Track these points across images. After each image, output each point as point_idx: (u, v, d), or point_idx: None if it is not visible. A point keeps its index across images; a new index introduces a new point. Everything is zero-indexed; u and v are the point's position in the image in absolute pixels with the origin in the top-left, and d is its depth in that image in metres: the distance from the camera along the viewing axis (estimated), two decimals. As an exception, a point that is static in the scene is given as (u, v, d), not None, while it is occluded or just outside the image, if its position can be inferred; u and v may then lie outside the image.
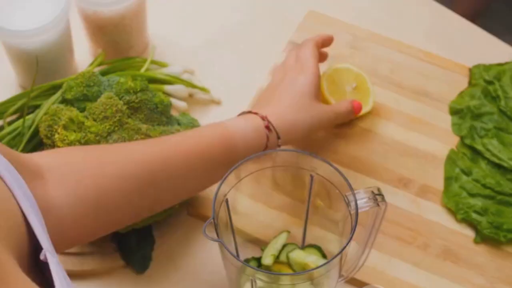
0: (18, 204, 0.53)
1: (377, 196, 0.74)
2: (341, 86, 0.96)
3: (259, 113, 0.83)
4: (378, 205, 0.74)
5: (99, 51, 1.02)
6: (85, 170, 0.73)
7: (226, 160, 0.78)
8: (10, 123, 0.94)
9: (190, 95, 1.01)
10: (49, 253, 0.53)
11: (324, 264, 0.70)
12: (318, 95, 0.89)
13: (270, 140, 0.82)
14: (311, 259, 0.83)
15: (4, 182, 0.53)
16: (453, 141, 0.97)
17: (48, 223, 0.61)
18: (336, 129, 0.97)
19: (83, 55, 1.04)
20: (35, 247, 0.54)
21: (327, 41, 0.95)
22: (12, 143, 0.91)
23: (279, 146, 0.82)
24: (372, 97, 0.97)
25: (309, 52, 0.90)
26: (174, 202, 0.81)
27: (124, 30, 1.00)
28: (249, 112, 0.84)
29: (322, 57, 0.96)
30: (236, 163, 0.74)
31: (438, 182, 0.93)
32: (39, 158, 0.72)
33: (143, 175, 0.75)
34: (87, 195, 0.71)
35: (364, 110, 0.96)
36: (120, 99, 0.84)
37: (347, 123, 0.98)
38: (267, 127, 0.82)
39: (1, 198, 0.51)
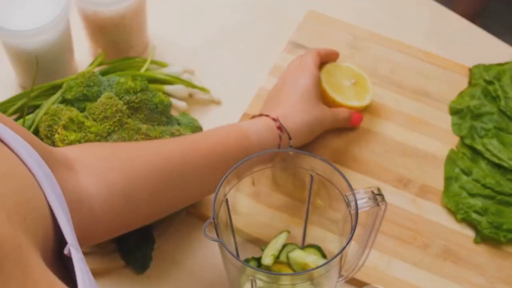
0: (45, 197, 0.53)
1: (377, 196, 0.74)
2: (339, 80, 0.96)
3: (270, 115, 0.85)
4: (378, 205, 0.74)
5: (99, 51, 1.02)
6: (113, 161, 0.75)
7: (242, 154, 0.79)
8: (10, 123, 0.94)
9: (190, 95, 1.01)
10: (73, 248, 0.53)
11: (324, 264, 0.70)
12: (319, 97, 0.92)
13: (282, 141, 0.84)
14: (311, 259, 0.83)
15: (33, 174, 0.53)
16: (453, 141, 0.97)
17: (79, 214, 0.63)
18: (336, 129, 0.97)
19: (83, 55, 1.04)
20: (60, 241, 0.54)
21: (330, 55, 0.97)
22: (12, 143, 0.91)
23: (291, 147, 0.84)
24: (370, 95, 0.97)
25: (311, 58, 0.93)
26: (195, 198, 0.84)
27: (124, 30, 1.00)
28: (260, 114, 0.87)
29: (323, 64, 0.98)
30: (256, 151, 0.78)
31: (438, 182, 0.93)
32: (69, 151, 0.74)
33: (168, 170, 0.77)
34: (116, 187, 0.74)
35: (361, 103, 0.96)
36: (120, 99, 0.84)
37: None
38: (279, 128, 0.84)
39: (28, 190, 0.52)
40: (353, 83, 0.96)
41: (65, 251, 0.53)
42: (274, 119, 0.85)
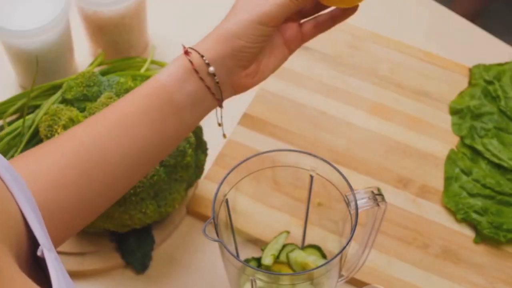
0: (16, 202, 0.54)
1: (377, 196, 0.74)
2: None
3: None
4: (378, 205, 0.74)
5: (99, 51, 1.02)
6: (39, 165, 0.69)
7: (164, 107, 0.71)
8: (10, 123, 0.94)
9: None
10: (46, 249, 0.53)
11: (324, 264, 0.70)
12: None
13: (195, 65, 0.71)
14: (311, 259, 0.83)
15: (3, 181, 0.53)
16: (453, 141, 0.97)
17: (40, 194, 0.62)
18: (336, 129, 0.97)
19: (83, 55, 1.04)
20: (34, 243, 0.55)
21: None
22: (12, 143, 0.91)
23: (208, 65, 0.71)
24: None
25: None
26: (148, 160, 0.73)
27: (124, 30, 1.00)
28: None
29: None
30: (178, 104, 0.71)
31: (438, 182, 0.93)
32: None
33: (85, 159, 0.69)
34: (65, 186, 0.69)
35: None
36: (120, 99, 0.84)
37: (346, 122, 0.98)
38: (186, 52, 0.72)
39: (1, 198, 0.52)
40: None
41: (38, 253, 0.53)
42: (184, 46, 0.73)
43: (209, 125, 0.89)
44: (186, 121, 0.73)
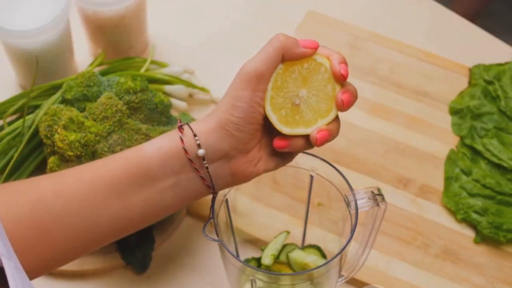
0: None
1: (377, 196, 0.74)
2: (293, 90, 0.65)
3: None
4: (378, 205, 0.74)
5: (99, 51, 1.02)
6: None
7: (137, 178, 0.65)
8: (10, 123, 0.94)
9: (190, 95, 1.01)
10: (5, 258, 0.52)
11: (324, 264, 0.70)
12: (256, 82, 0.65)
13: (185, 143, 0.64)
14: (311, 259, 0.83)
15: None
16: (453, 141, 0.97)
17: None
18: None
19: (83, 55, 1.05)
20: None
21: (302, 53, 0.65)
22: (12, 143, 0.91)
23: (199, 146, 0.64)
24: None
25: (272, 44, 0.65)
26: (102, 236, 0.67)
27: (124, 30, 1.00)
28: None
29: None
30: (156, 177, 0.64)
31: (438, 182, 0.93)
32: None
33: (40, 216, 0.64)
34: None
35: (324, 120, 0.66)
36: (120, 99, 0.84)
37: (346, 122, 0.98)
38: (180, 128, 0.65)
39: None
40: (313, 94, 0.66)
41: None
42: (180, 120, 0.67)
43: (209, 125, 0.88)
44: (166, 201, 0.66)
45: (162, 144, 0.65)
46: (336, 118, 0.67)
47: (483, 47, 1.08)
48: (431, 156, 0.96)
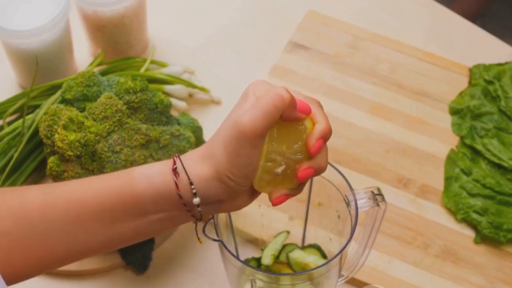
0: None
1: (377, 196, 0.74)
2: (286, 142, 0.64)
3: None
4: (378, 205, 0.74)
5: (99, 51, 1.02)
6: None
7: (129, 210, 0.64)
8: (10, 123, 0.94)
9: (190, 95, 1.01)
10: None
11: (324, 264, 0.70)
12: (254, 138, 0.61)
13: (180, 189, 0.62)
14: (311, 259, 0.83)
15: None
16: (453, 141, 0.97)
17: None
18: (336, 129, 0.97)
19: (83, 55, 1.05)
20: None
21: (295, 116, 0.63)
22: (12, 143, 0.91)
23: (194, 195, 0.62)
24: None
25: (274, 102, 0.61)
26: (66, 260, 0.66)
27: (124, 30, 1.00)
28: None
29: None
30: (148, 212, 0.63)
31: (438, 182, 0.93)
32: None
33: (26, 229, 0.63)
34: None
35: (267, 190, 0.64)
36: (120, 99, 0.84)
37: (346, 122, 0.98)
38: (174, 170, 0.62)
39: None
40: (291, 153, 0.64)
41: None
42: (174, 159, 0.63)
43: (209, 125, 0.89)
44: (152, 230, 0.65)
45: (156, 182, 0.63)
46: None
47: (483, 47, 1.08)
48: (431, 156, 0.96)
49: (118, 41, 1.01)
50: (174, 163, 0.63)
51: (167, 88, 0.98)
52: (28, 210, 0.63)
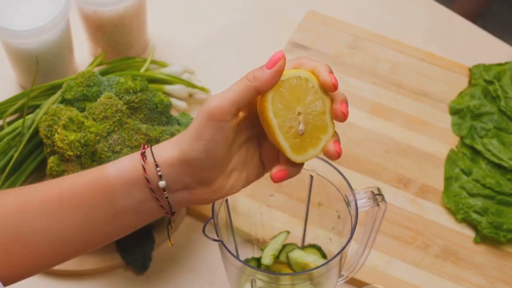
0: None
1: (377, 196, 0.74)
2: (291, 105, 0.62)
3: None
4: (378, 205, 0.74)
5: (99, 51, 1.02)
6: None
7: (102, 201, 0.65)
8: (10, 123, 0.94)
9: (190, 95, 1.01)
10: None
11: (324, 264, 0.70)
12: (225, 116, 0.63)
13: (147, 172, 0.64)
14: (311, 259, 0.83)
15: None
16: (453, 141, 0.97)
17: None
18: (335, 129, 0.97)
19: (83, 55, 1.05)
20: None
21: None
22: (12, 143, 0.91)
23: (160, 178, 0.63)
24: (329, 132, 0.64)
25: (242, 82, 0.64)
26: (58, 258, 0.67)
27: (124, 30, 1.00)
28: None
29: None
30: (120, 202, 0.64)
31: (438, 182, 0.93)
32: None
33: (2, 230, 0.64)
34: None
35: (325, 137, 0.64)
36: (120, 99, 0.84)
37: (346, 122, 0.98)
38: (142, 154, 0.64)
39: None
40: (308, 112, 0.63)
41: None
42: (143, 145, 0.65)
43: (209, 125, 0.88)
44: (127, 224, 0.67)
45: (126, 170, 0.64)
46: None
47: (483, 47, 1.08)
48: (431, 156, 0.96)
49: (118, 41, 1.01)
50: (143, 147, 0.64)
51: (167, 88, 0.98)
52: (5, 212, 0.64)
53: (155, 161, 0.63)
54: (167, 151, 0.64)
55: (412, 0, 1.14)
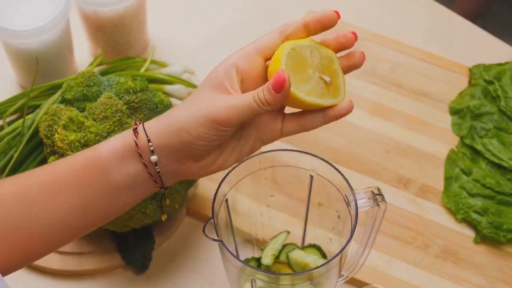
0: None
1: (377, 196, 0.74)
2: (304, 66, 0.67)
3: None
4: (378, 205, 0.74)
5: (99, 51, 1.02)
6: None
7: (96, 178, 0.66)
8: (10, 123, 0.94)
9: (190, 95, 1.01)
10: None
11: (324, 264, 0.70)
12: (223, 85, 0.66)
13: (140, 148, 0.66)
14: (311, 259, 0.83)
15: None
16: (453, 141, 0.97)
17: None
18: (336, 129, 0.97)
19: (83, 55, 1.05)
20: None
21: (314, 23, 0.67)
22: (12, 143, 0.91)
23: (152, 153, 0.66)
24: (341, 83, 0.70)
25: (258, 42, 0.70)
26: (73, 229, 0.68)
27: (124, 30, 1.00)
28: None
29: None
30: (114, 178, 0.66)
31: (438, 182, 0.93)
32: None
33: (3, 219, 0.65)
34: None
35: (334, 101, 0.69)
36: (120, 99, 0.84)
37: (346, 122, 0.98)
38: (134, 130, 0.67)
39: None
40: (321, 73, 0.69)
41: None
42: (135, 122, 0.68)
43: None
44: (122, 201, 0.68)
45: (117, 149, 0.66)
46: None
47: (483, 47, 1.08)
48: (431, 156, 0.96)
49: (118, 41, 1.01)
50: (135, 124, 0.67)
51: (167, 88, 0.98)
52: (3, 200, 0.65)
53: (147, 136, 0.66)
54: (158, 127, 0.66)
55: (412, 0, 1.14)
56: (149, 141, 0.66)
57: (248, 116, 0.64)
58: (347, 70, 0.70)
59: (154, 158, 0.66)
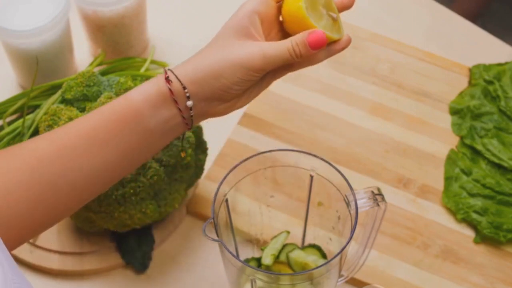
0: None
1: (377, 196, 0.74)
2: (316, 3, 0.74)
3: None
4: (378, 205, 0.74)
5: (99, 51, 1.02)
6: None
7: (132, 124, 0.69)
8: (10, 123, 0.94)
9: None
10: None
11: (324, 264, 0.70)
12: (249, 31, 0.73)
13: (175, 94, 0.69)
14: (311, 259, 0.83)
15: None
16: (453, 141, 0.97)
17: None
18: (336, 129, 0.97)
19: (83, 55, 1.04)
20: None
21: None
22: (12, 143, 0.91)
23: (188, 98, 0.70)
24: (340, 19, 0.77)
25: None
26: (109, 177, 0.71)
27: (124, 30, 1.00)
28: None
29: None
30: (150, 129, 0.69)
31: (438, 182, 0.93)
32: None
33: (48, 177, 0.67)
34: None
35: (339, 36, 0.75)
36: (120, 99, 0.84)
37: (346, 122, 0.98)
38: (167, 79, 0.70)
39: None
40: (329, 13, 0.76)
41: None
42: (165, 70, 0.71)
43: (209, 125, 0.89)
44: (155, 145, 0.71)
45: (151, 97, 0.69)
46: None
47: (483, 47, 1.08)
48: (431, 156, 0.96)
49: (118, 41, 1.01)
50: (166, 73, 0.70)
51: (167, 88, 0.98)
52: (45, 156, 0.67)
53: (182, 84, 0.69)
54: (192, 72, 0.70)
55: (412, 0, 1.14)
56: (184, 88, 0.69)
57: (280, 64, 0.70)
58: (339, 10, 0.77)
59: (190, 103, 0.69)
